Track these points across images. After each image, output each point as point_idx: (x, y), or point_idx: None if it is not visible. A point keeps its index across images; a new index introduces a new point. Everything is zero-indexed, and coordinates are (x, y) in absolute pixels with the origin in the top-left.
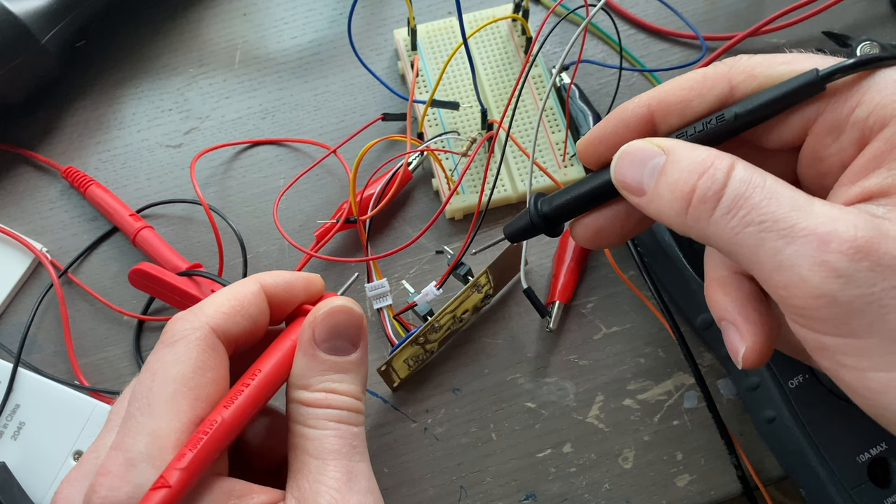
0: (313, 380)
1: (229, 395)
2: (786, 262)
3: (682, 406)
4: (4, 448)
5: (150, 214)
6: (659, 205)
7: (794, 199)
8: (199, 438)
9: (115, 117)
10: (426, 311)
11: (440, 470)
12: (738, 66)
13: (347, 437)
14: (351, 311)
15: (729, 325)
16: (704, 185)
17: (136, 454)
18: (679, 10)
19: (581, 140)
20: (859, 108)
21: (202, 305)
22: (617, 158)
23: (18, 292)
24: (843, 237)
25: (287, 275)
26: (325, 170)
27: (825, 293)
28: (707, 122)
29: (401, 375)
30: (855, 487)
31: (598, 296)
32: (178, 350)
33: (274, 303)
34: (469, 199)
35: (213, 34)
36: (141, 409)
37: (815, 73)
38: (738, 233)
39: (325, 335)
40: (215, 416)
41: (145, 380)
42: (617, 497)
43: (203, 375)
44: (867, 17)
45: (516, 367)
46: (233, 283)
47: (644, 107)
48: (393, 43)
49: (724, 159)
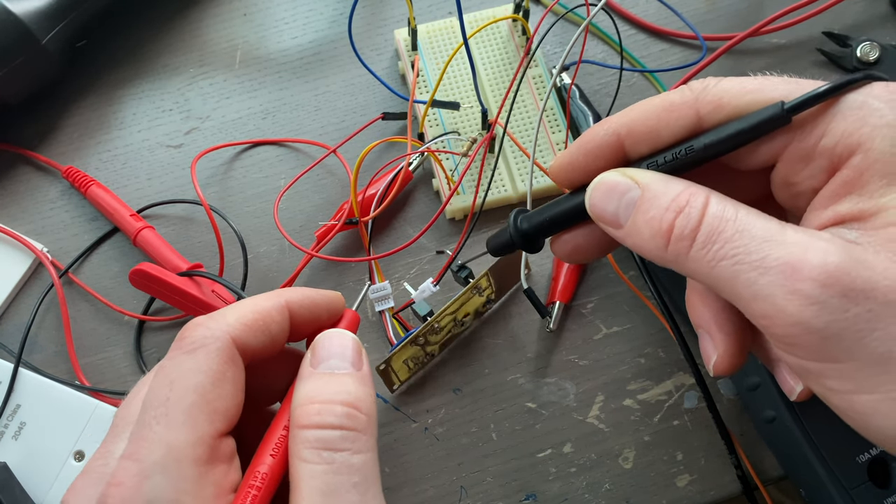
0: (308, 395)
1: (271, 437)
2: (761, 292)
3: (682, 406)
4: (5, 448)
5: (151, 214)
6: (637, 240)
7: (767, 230)
8: (248, 494)
9: (116, 117)
10: (426, 312)
11: (440, 470)
12: (707, 95)
13: (344, 473)
14: (345, 334)
15: (704, 332)
16: (681, 223)
17: (150, 465)
18: (679, 10)
19: (553, 164)
20: (826, 138)
21: (224, 313)
22: (591, 190)
23: (19, 292)
24: (814, 264)
25: (311, 293)
26: (326, 170)
27: (800, 321)
28: (677, 152)
29: (400, 377)
30: (855, 487)
31: (598, 296)
32: (198, 359)
33: (295, 321)
34: (469, 199)
35: (214, 34)
36: (157, 419)
37: (780, 106)
38: (713, 266)
39: (320, 357)
40: (258, 466)
41: (162, 387)
42: (617, 497)
43: (222, 388)
44: (867, 17)
45: (517, 367)
46: (257, 296)
47: (613, 135)
48: (393, 43)
49: (698, 196)
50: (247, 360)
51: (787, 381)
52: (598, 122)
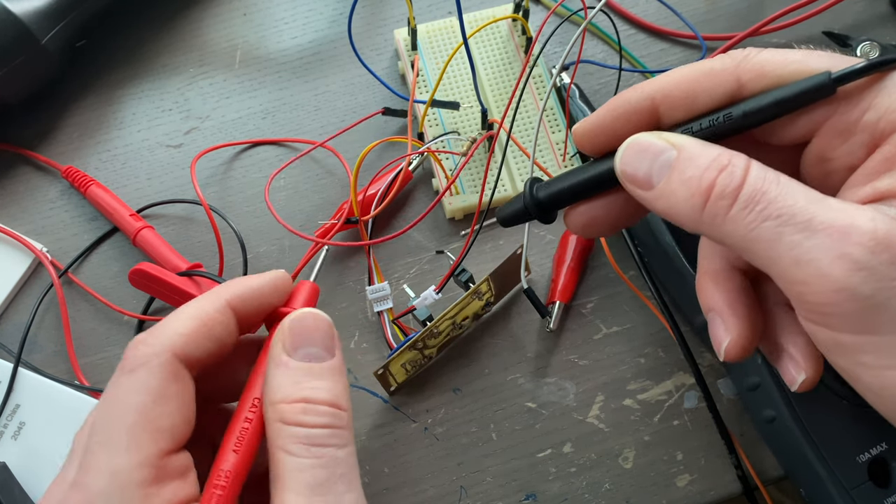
0: (289, 390)
1: (231, 433)
2: (804, 256)
3: (682, 406)
4: (5, 448)
5: (151, 214)
6: (671, 201)
7: (810, 196)
8: (213, 495)
9: (116, 117)
10: (425, 317)
11: (440, 470)
12: (748, 63)
13: (331, 466)
14: (318, 315)
15: (716, 316)
16: (724, 181)
17: (96, 495)
18: (679, 10)
19: (579, 126)
20: (870, 112)
21: (162, 327)
22: (623, 151)
23: (19, 292)
24: (863, 230)
25: (252, 280)
26: (326, 170)
27: (845, 287)
28: (715, 118)
29: (398, 380)
30: (855, 487)
31: (598, 296)
32: (138, 378)
33: (242, 315)
34: (469, 199)
35: (213, 34)
36: (100, 444)
37: (828, 75)
38: (754, 228)
39: (296, 342)
40: (221, 464)
41: (103, 410)
42: (617, 497)
43: (165, 405)
44: (867, 17)
45: (516, 367)
46: (196, 299)
47: (648, 99)
48: (393, 43)
49: (740, 157)
50: (195, 369)
51: (789, 371)
52: (631, 87)
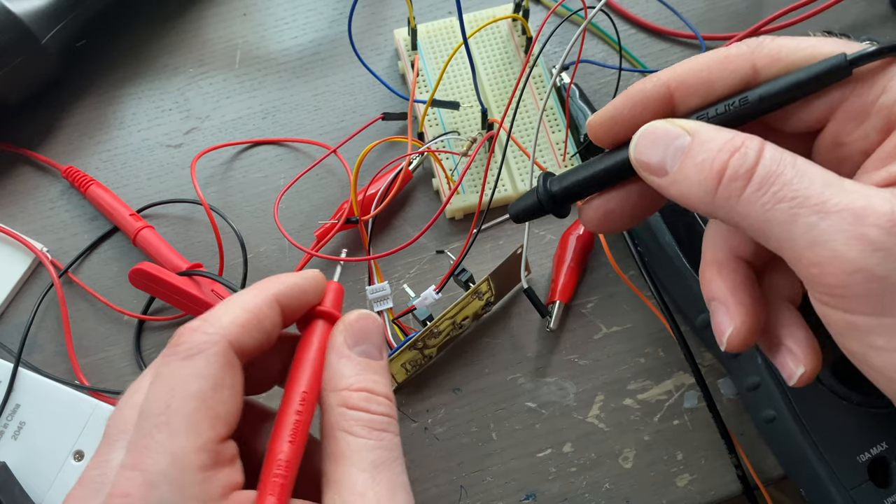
0: (353, 379)
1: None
2: (820, 237)
3: (682, 406)
4: (5, 448)
5: (151, 214)
6: (684, 185)
7: (826, 177)
8: (275, 483)
9: (116, 117)
10: (425, 316)
11: (440, 470)
12: (763, 49)
13: (390, 448)
14: (376, 318)
15: (719, 305)
16: (737, 162)
17: (156, 475)
18: (679, 10)
19: (594, 117)
20: (885, 95)
21: (218, 315)
22: (638, 138)
23: (19, 292)
24: (880, 211)
25: (295, 279)
26: (326, 170)
27: (861, 268)
28: (730, 104)
29: (398, 380)
30: (855, 487)
31: (598, 296)
32: (197, 364)
33: (285, 310)
34: (469, 199)
35: (213, 34)
36: (158, 427)
37: (843, 57)
38: (769, 209)
39: (357, 339)
40: (278, 454)
41: (161, 394)
42: (617, 497)
43: (221, 393)
44: (867, 17)
45: (516, 366)
46: (245, 292)
47: (663, 86)
48: (393, 43)
49: (753, 140)
50: (243, 360)
51: (787, 365)
52: (647, 77)
